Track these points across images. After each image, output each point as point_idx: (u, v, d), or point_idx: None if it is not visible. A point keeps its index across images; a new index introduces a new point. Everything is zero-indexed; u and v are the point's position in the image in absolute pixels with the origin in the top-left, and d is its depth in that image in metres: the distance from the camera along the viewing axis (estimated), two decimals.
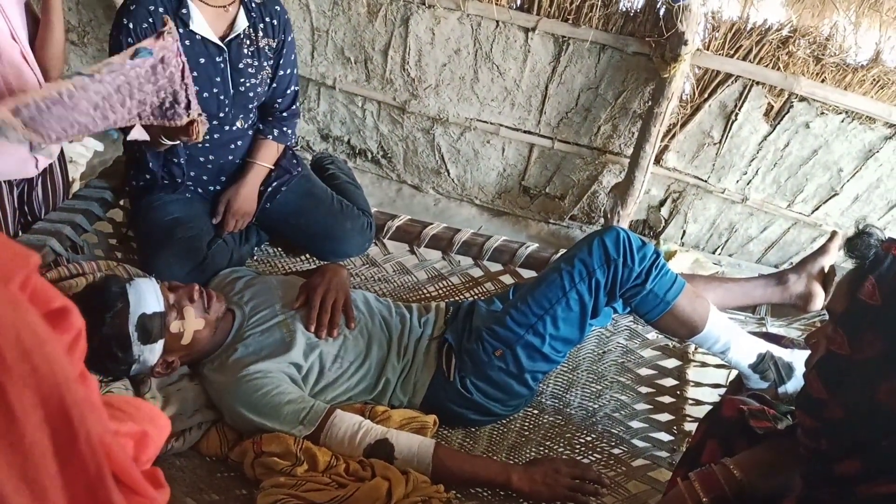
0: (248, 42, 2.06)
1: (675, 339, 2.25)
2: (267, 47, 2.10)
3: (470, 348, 1.87)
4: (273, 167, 2.30)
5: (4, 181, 2.12)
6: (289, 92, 2.25)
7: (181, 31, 1.96)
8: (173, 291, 1.73)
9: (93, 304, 1.60)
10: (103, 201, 2.26)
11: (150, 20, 1.93)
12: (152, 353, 1.66)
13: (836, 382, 1.11)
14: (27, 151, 2.09)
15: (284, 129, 2.27)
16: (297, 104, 2.31)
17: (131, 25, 1.92)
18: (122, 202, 2.36)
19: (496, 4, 3.34)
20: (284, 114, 2.27)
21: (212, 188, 2.25)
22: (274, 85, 2.19)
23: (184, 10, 1.95)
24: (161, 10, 1.93)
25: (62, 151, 2.32)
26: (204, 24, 1.97)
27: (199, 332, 1.74)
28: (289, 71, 2.21)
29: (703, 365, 2.23)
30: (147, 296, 1.64)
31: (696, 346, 2.19)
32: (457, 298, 2.44)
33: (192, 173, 2.20)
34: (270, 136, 2.25)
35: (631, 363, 2.25)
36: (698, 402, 2.12)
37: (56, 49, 2.04)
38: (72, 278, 1.87)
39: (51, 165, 2.25)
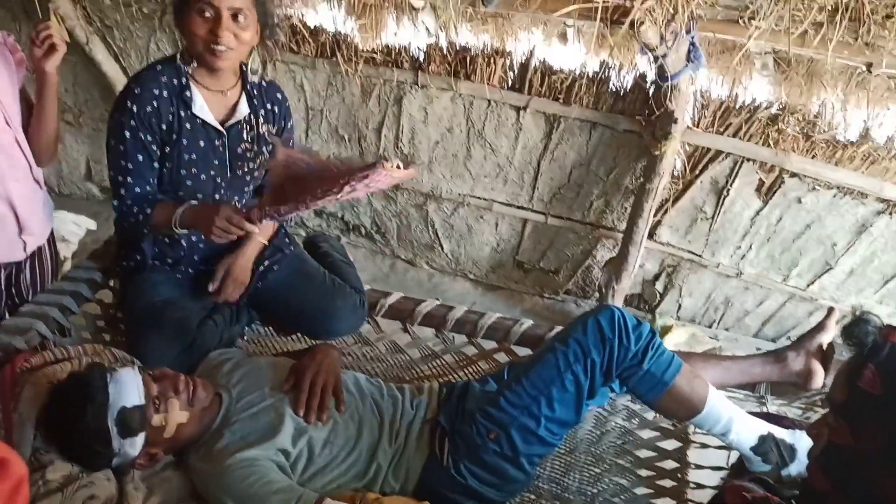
0: (248, 128, 2.06)
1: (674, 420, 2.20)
2: (266, 133, 2.11)
3: (463, 431, 1.82)
4: (266, 244, 2.28)
5: None
6: None
7: (183, 113, 1.96)
8: (158, 382, 1.69)
9: (73, 396, 1.58)
10: (92, 282, 2.23)
11: (154, 104, 1.93)
12: (133, 447, 1.62)
13: (840, 475, 1.08)
14: (16, 234, 2.08)
15: None
16: None
17: (135, 109, 1.92)
18: (111, 283, 2.33)
19: (488, 84, 3.39)
20: None
21: (202, 268, 2.22)
22: None
23: (187, 93, 1.95)
24: (165, 93, 1.94)
25: (52, 231, 2.31)
26: (205, 107, 1.98)
27: (183, 424, 1.70)
28: None
29: (704, 446, 2.18)
30: (128, 388, 1.60)
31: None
32: (450, 378, 2.40)
33: (182, 253, 2.18)
34: None
35: (630, 444, 2.19)
36: (700, 486, 2.06)
37: (49, 135, 2.04)
38: (57, 363, 1.82)
39: (40, 248, 2.24)
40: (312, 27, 3.57)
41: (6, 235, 2.07)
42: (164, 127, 1.96)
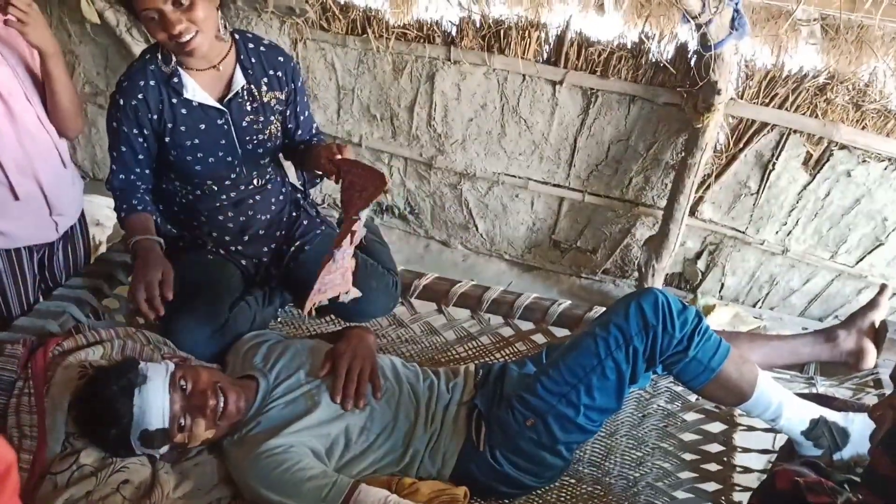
0: (249, 98, 2.01)
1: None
2: (273, 100, 2.05)
3: (500, 416, 1.77)
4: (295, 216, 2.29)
5: (24, 247, 2.09)
6: (313, 132, 2.23)
7: (175, 100, 1.92)
8: (186, 399, 1.64)
9: (98, 411, 1.59)
10: (125, 265, 2.23)
11: (140, 95, 1.90)
12: (156, 453, 1.64)
13: None
14: (46, 214, 2.07)
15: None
16: (321, 138, 2.29)
17: (121, 101, 1.91)
18: None
19: (522, 58, 3.31)
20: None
21: (233, 248, 2.21)
22: (299, 131, 2.16)
23: (175, 80, 1.91)
24: (153, 82, 1.90)
25: (83, 214, 2.30)
26: (198, 89, 1.93)
27: (209, 438, 1.69)
28: (308, 113, 2.19)
29: (751, 429, 2.11)
30: (153, 410, 1.58)
31: None
32: (487, 359, 2.35)
33: (213, 234, 2.16)
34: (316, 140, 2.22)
35: (673, 427, 2.13)
36: (747, 470, 2.00)
37: (66, 113, 2.00)
38: (89, 346, 1.81)
39: (72, 228, 2.23)
40: (343, 3, 3.53)
41: (37, 216, 2.06)
42: (154, 117, 1.93)
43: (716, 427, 2.13)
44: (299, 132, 2.16)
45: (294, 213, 2.31)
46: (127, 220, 2.08)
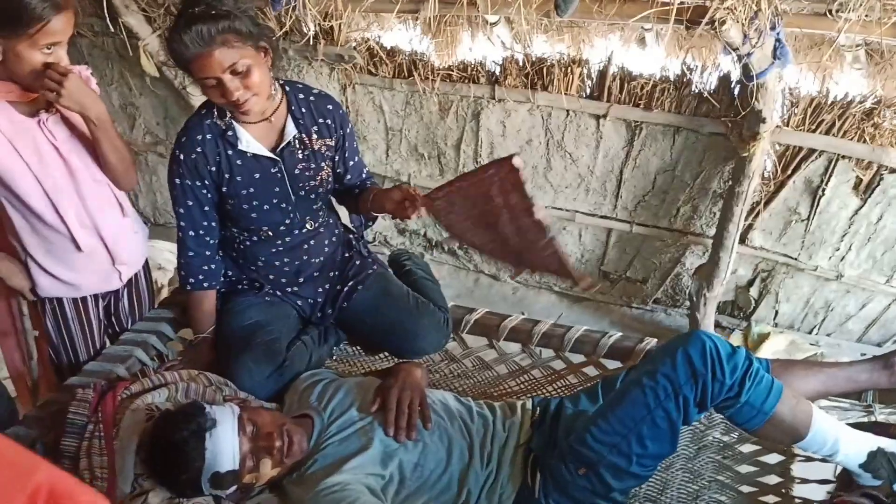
0: (300, 147, 2.07)
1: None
2: (323, 147, 2.11)
3: (553, 465, 1.77)
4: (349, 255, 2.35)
5: (91, 295, 2.19)
6: (363, 175, 2.29)
7: (230, 152, 2.00)
8: (253, 440, 1.69)
9: (171, 456, 1.63)
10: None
11: (199, 149, 1.98)
12: (223, 492, 1.68)
13: None
14: (109, 264, 2.16)
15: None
16: (373, 181, 2.35)
17: (182, 157, 2.00)
18: None
19: (566, 94, 3.36)
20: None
21: (289, 290, 2.27)
22: (348, 176, 2.22)
23: (230, 133, 1.98)
24: (210, 136, 1.99)
25: (146, 261, 2.39)
26: (252, 140, 2.00)
27: (274, 476, 1.73)
28: (357, 158, 2.25)
29: (808, 459, 2.07)
30: (224, 453, 1.63)
31: None
32: (540, 393, 2.37)
33: (270, 277, 2.23)
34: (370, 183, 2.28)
35: (729, 459, 2.11)
36: (806, 502, 1.96)
37: (115, 171, 2.06)
38: (155, 389, 1.88)
39: (136, 275, 2.32)
40: (389, 49, 3.63)
41: (100, 266, 2.14)
42: (213, 169, 2.01)
43: (773, 458, 2.10)
44: (348, 176, 2.22)
45: (346, 254, 2.36)
46: (190, 295, 2.19)
